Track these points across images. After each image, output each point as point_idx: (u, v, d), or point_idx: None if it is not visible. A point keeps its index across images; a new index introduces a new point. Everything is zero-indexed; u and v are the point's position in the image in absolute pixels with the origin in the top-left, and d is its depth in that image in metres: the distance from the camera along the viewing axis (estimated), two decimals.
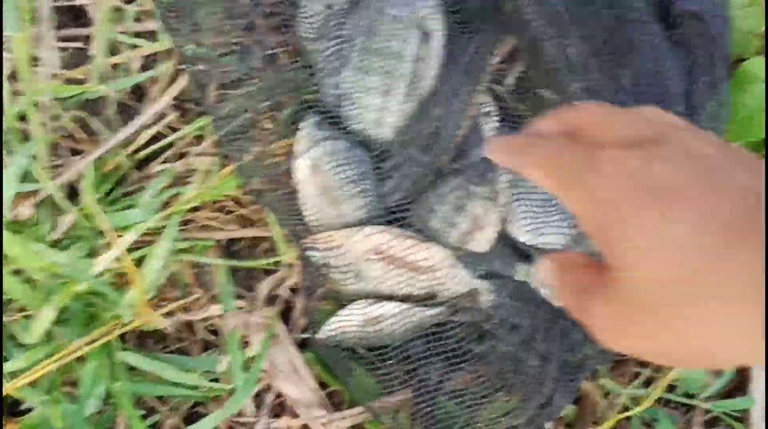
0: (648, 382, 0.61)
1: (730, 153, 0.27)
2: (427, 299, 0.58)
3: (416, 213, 0.57)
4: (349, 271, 0.56)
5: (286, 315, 0.61)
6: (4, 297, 0.58)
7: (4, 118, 0.58)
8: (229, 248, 0.61)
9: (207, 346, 0.61)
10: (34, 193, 0.58)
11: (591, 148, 0.28)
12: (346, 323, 0.56)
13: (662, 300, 0.25)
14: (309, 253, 0.56)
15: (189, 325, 0.61)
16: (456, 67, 0.57)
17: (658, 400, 0.60)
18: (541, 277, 0.36)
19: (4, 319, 0.58)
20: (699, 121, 0.50)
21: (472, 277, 0.57)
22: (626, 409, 0.59)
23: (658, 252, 0.25)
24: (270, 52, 0.59)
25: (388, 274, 0.56)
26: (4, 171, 0.56)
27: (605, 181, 0.26)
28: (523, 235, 0.56)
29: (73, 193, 0.60)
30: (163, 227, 0.58)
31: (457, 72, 0.57)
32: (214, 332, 0.61)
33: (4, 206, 0.56)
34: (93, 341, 0.57)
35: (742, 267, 0.23)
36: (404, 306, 0.56)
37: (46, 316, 0.56)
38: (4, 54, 0.61)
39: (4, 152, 0.58)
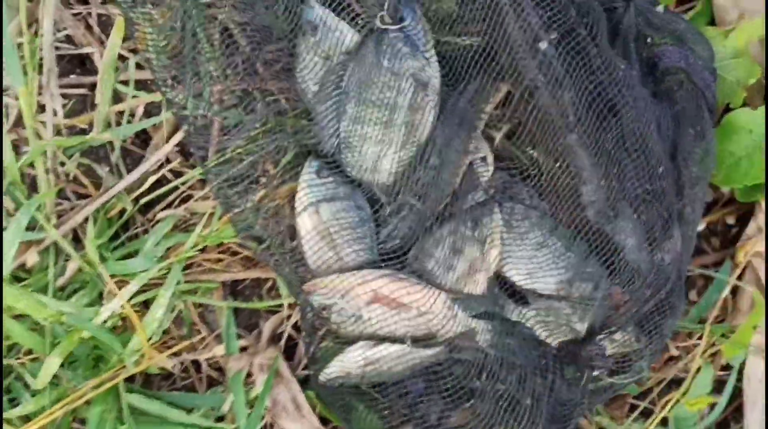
0: (645, 414, 0.62)
1: None
2: (426, 339, 0.59)
3: (413, 257, 0.58)
4: (349, 315, 0.57)
5: (288, 352, 0.62)
6: (10, 341, 0.60)
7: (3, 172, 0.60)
8: (233, 288, 0.63)
9: (212, 383, 0.63)
10: (39, 240, 0.60)
11: None
12: (347, 366, 0.57)
13: None
14: (309, 298, 0.57)
15: (194, 362, 0.63)
16: (451, 116, 0.59)
17: None
18: None
19: (11, 361, 0.60)
20: (688, 168, 0.52)
21: (469, 317, 0.58)
22: None
23: None
24: (271, 98, 0.61)
25: (388, 317, 0.57)
26: (10, 221, 0.57)
27: None
28: (517, 277, 0.57)
29: (78, 237, 0.61)
30: (168, 271, 0.59)
31: (453, 120, 0.59)
32: (219, 369, 0.62)
33: (10, 257, 0.57)
34: (100, 384, 0.59)
35: None
36: (405, 348, 0.58)
37: (52, 363, 0.58)
38: (10, 101, 0.62)
39: (10, 200, 0.59)
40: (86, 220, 0.60)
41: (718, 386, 0.62)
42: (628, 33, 0.50)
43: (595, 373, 0.56)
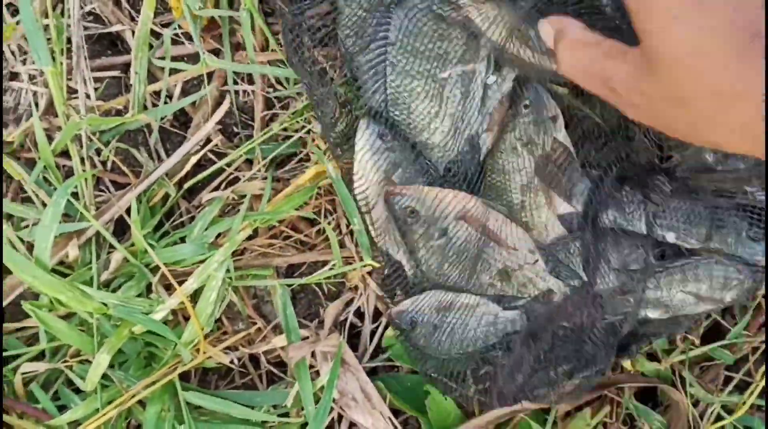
0: (740, 387, 0.57)
1: None
2: (501, 296, 0.55)
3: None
4: (436, 226, 0.51)
5: (352, 341, 0.58)
6: (57, 342, 0.56)
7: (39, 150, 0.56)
8: (289, 274, 0.58)
9: (272, 379, 0.58)
10: (80, 232, 0.56)
11: None
12: (420, 303, 0.53)
13: (698, 93, 0.29)
14: (393, 199, 0.51)
15: (253, 359, 0.58)
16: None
17: (751, 407, 0.57)
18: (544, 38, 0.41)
19: (59, 365, 0.56)
20: None
21: (547, 272, 0.54)
22: (719, 418, 0.56)
23: (696, 48, 0.28)
24: (318, 67, 0.56)
25: (472, 240, 0.52)
26: (44, 211, 0.52)
27: None
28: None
29: (119, 228, 0.57)
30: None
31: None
32: (279, 363, 0.58)
33: (48, 249, 0.53)
34: (153, 383, 0.54)
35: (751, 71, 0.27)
36: (479, 298, 0.53)
37: (101, 361, 0.54)
38: (39, 89, 0.58)
39: (45, 193, 0.56)
40: (128, 209, 0.56)
41: None
42: None
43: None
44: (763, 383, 0.56)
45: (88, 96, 0.57)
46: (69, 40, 0.57)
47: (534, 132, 0.54)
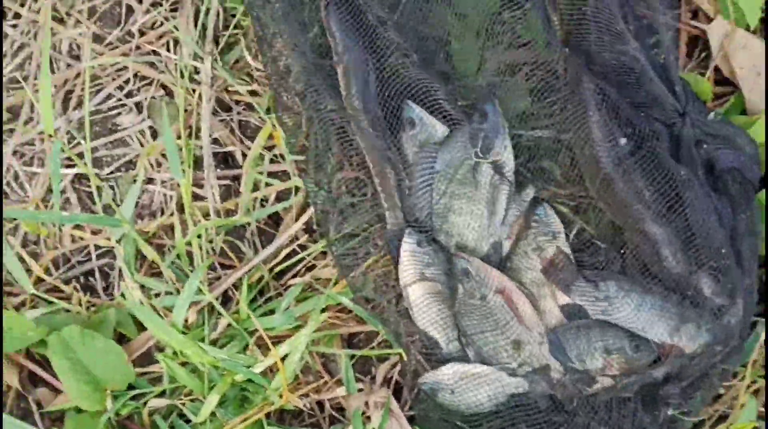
0: None
1: None
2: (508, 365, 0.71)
3: None
4: (479, 290, 0.68)
5: (396, 394, 0.75)
6: (176, 383, 0.74)
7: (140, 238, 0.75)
8: (349, 340, 0.76)
9: (333, 421, 0.76)
10: (198, 302, 0.75)
11: None
12: (440, 376, 0.69)
13: None
14: (456, 259, 0.68)
15: (319, 403, 0.76)
16: None
17: None
18: None
19: (176, 401, 0.74)
20: (743, 246, 0.64)
21: (548, 352, 0.70)
22: None
23: None
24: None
25: (503, 311, 0.69)
26: (184, 288, 0.72)
27: None
28: None
29: (225, 300, 0.76)
30: (299, 326, 0.73)
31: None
32: (339, 408, 0.76)
33: (183, 314, 0.72)
34: (246, 419, 0.72)
35: None
36: (490, 368, 0.69)
37: (212, 401, 0.72)
38: (168, 192, 0.77)
39: (178, 275, 0.75)
40: (232, 285, 0.75)
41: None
42: (689, 143, 0.63)
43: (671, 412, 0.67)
44: None
45: (214, 199, 0.76)
46: (194, 157, 0.77)
47: (542, 241, 0.71)
